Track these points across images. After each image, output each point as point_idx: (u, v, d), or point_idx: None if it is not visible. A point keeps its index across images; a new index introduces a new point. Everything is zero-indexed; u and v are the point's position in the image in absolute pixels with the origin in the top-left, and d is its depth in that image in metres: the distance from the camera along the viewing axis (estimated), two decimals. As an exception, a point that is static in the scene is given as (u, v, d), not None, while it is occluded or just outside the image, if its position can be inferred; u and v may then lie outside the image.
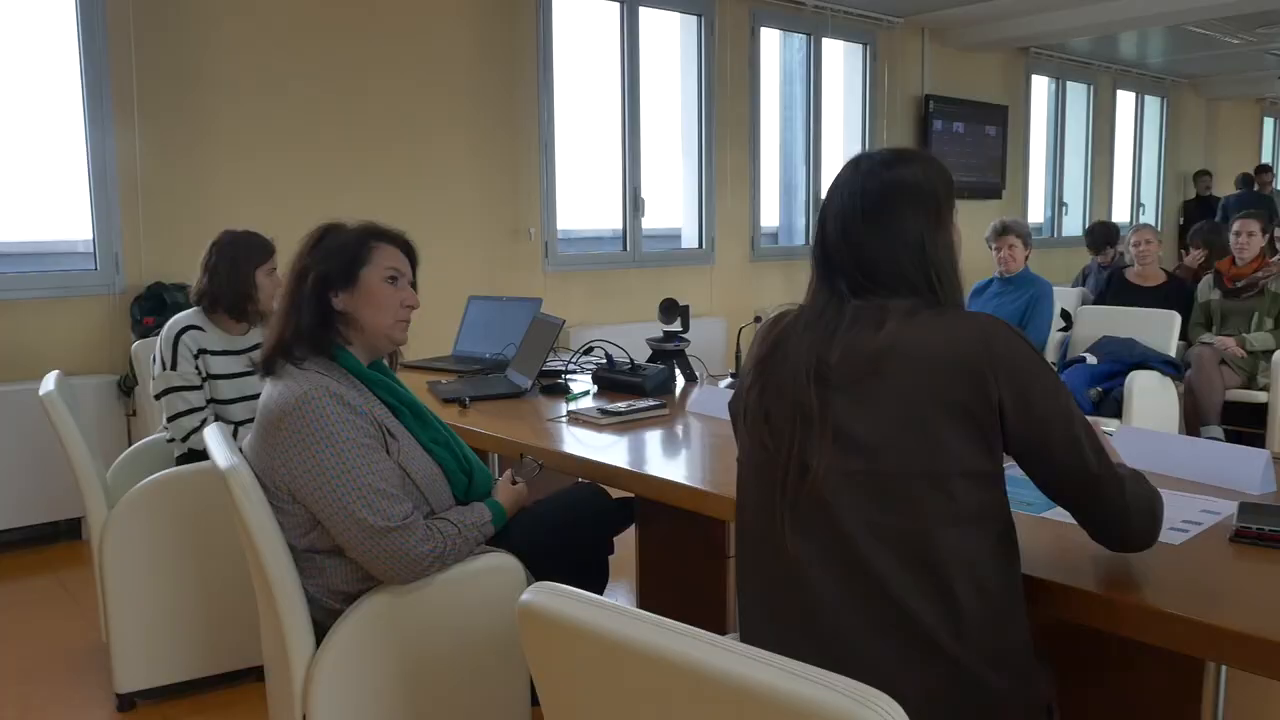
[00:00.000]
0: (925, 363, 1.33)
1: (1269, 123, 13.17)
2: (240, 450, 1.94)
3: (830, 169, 7.37)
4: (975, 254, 5.47)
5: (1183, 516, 1.72)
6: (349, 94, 4.93)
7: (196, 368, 2.96)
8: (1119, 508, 1.41)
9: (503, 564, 2.00)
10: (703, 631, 1.02)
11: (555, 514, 2.26)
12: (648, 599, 2.76)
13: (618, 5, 6.00)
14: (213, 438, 2.04)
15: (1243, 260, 5.16)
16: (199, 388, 2.96)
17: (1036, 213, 9.53)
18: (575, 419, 2.67)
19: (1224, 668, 1.66)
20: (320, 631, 1.89)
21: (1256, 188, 10.08)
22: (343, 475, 1.81)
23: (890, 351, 1.34)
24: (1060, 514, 1.69)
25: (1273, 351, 4.96)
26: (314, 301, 1.96)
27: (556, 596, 1.13)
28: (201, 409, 2.95)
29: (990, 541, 1.35)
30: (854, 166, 1.49)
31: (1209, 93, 11.48)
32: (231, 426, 2.93)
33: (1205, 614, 1.35)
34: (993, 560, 1.35)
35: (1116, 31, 8.36)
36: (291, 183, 4.74)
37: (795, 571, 1.37)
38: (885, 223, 1.42)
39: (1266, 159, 12.56)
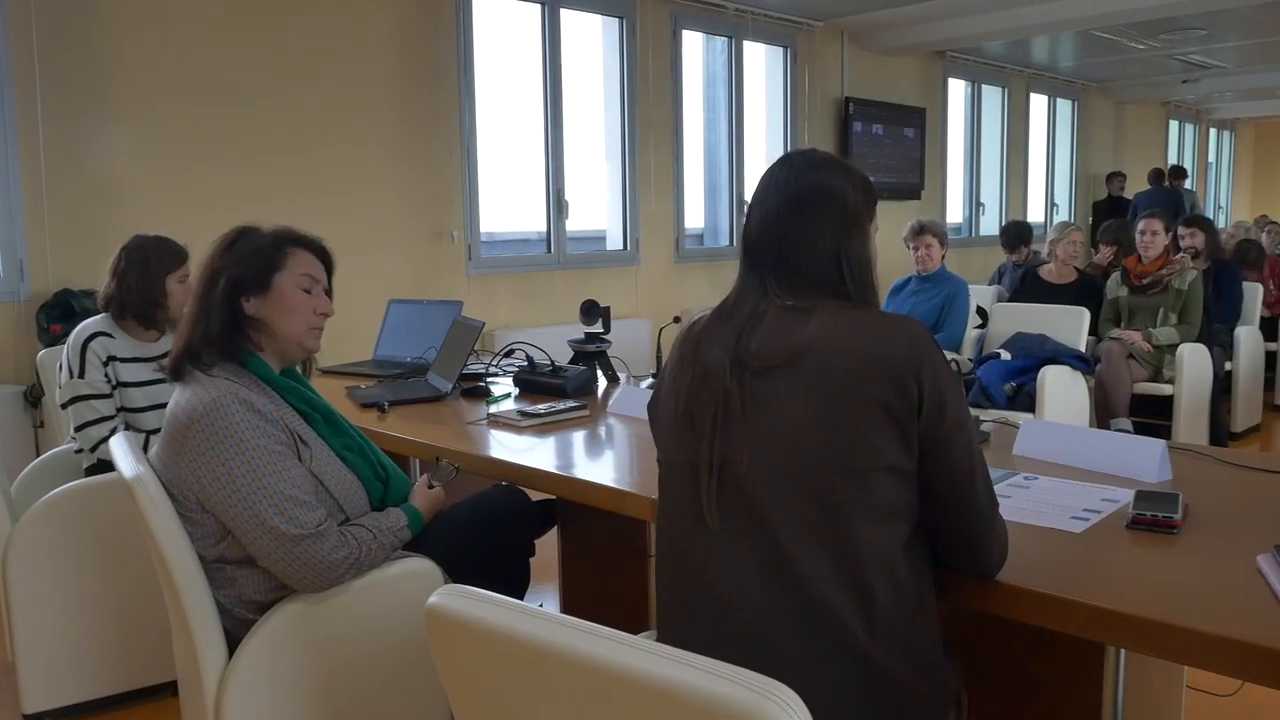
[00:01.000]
0: (849, 359, 1.35)
1: (1174, 125, 13.66)
2: (148, 459, 1.90)
3: (753, 170, 7.45)
4: (894, 253, 5.58)
5: (1084, 505, 1.78)
6: (265, 99, 4.84)
7: (106, 375, 2.88)
8: (988, 535, 1.44)
9: (419, 568, 1.98)
10: (607, 629, 1.02)
11: (473, 517, 2.24)
12: (571, 600, 2.76)
13: (539, 7, 5.99)
14: (118, 447, 1.99)
15: (1147, 258, 5.34)
16: (108, 396, 2.88)
17: (955, 212, 9.75)
18: (495, 421, 2.66)
19: (1122, 650, 1.71)
20: (233, 643, 1.85)
21: (1168, 187, 10.43)
22: (253, 483, 1.78)
23: (814, 346, 1.36)
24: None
25: (1177, 345, 5.14)
26: (225, 306, 1.92)
27: (463, 599, 1.13)
28: (111, 418, 2.87)
29: (906, 538, 1.37)
30: (782, 164, 1.52)
31: (1117, 96, 11.86)
32: (143, 435, 2.86)
33: (1102, 599, 1.40)
34: (907, 557, 1.37)
35: (1028, 36, 8.59)
36: (207, 190, 4.63)
37: (715, 568, 1.37)
38: (805, 224, 1.45)
39: (1172, 160, 13.01)
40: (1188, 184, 11.38)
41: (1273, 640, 1.25)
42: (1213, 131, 15.04)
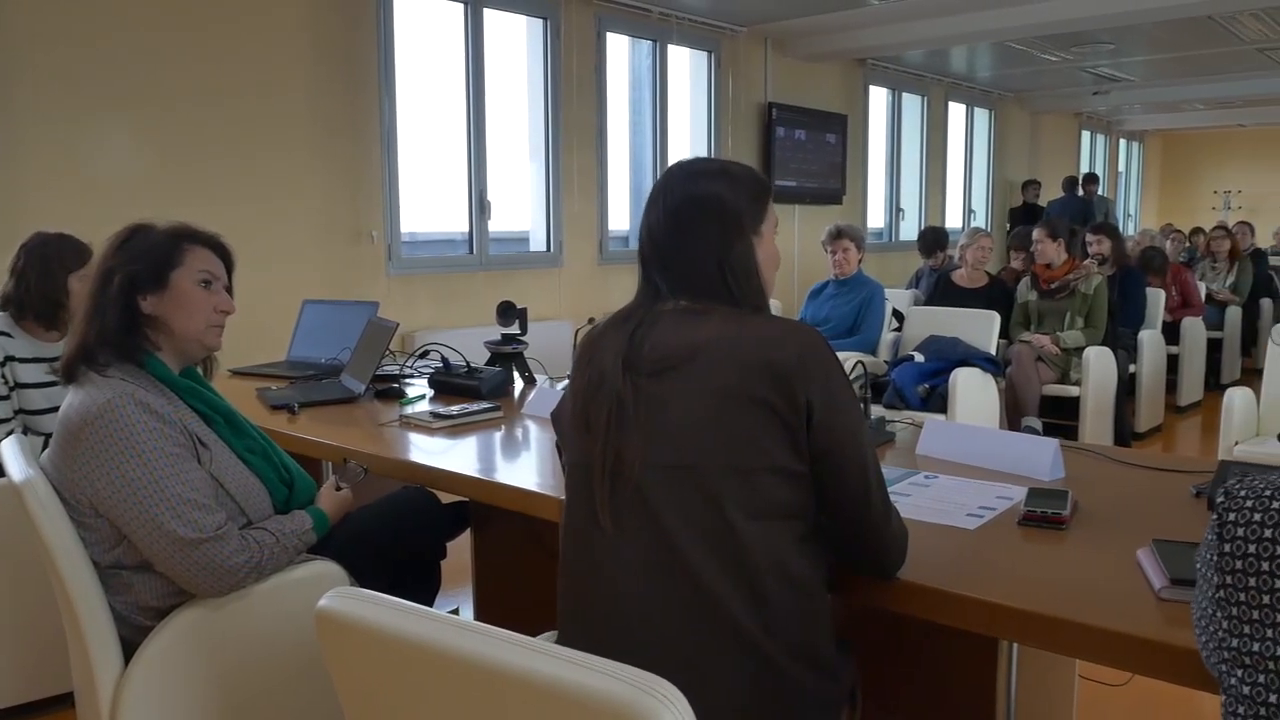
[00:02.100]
0: (739, 363, 1.37)
1: (1086, 135, 14.08)
2: (40, 463, 1.84)
3: (677, 174, 7.48)
4: (818, 256, 5.67)
5: (979, 503, 1.83)
6: (177, 97, 4.71)
7: (3, 376, 2.78)
8: (884, 537, 1.47)
9: (325, 571, 1.95)
10: (496, 629, 1.02)
11: (381, 519, 2.22)
12: (485, 602, 2.75)
13: (461, 6, 5.95)
14: (9, 450, 1.93)
15: (1042, 263, 5.52)
16: (4, 398, 2.79)
17: (876, 218, 9.92)
18: (407, 423, 2.63)
19: (1015, 643, 1.77)
20: (130, 650, 1.81)
21: (1081, 194, 10.75)
22: (150, 486, 1.74)
23: (706, 348, 1.38)
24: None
25: (1084, 348, 5.31)
26: (120, 304, 1.87)
27: (353, 601, 1.12)
28: (7, 420, 2.78)
29: (798, 537, 1.39)
30: (665, 175, 1.54)
31: (1032, 106, 12.18)
32: (41, 439, 2.77)
33: (993, 595, 1.44)
34: (801, 557, 1.39)
35: (946, 46, 8.79)
36: (117, 190, 4.50)
37: (609, 568, 1.38)
38: (684, 236, 1.48)
39: (1085, 168, 13.41)
40: (1101, 191, 11.74)
41: (1146, 632, 1.30)
42: (1122, 142, 15.54)
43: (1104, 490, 1.95)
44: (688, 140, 7.70)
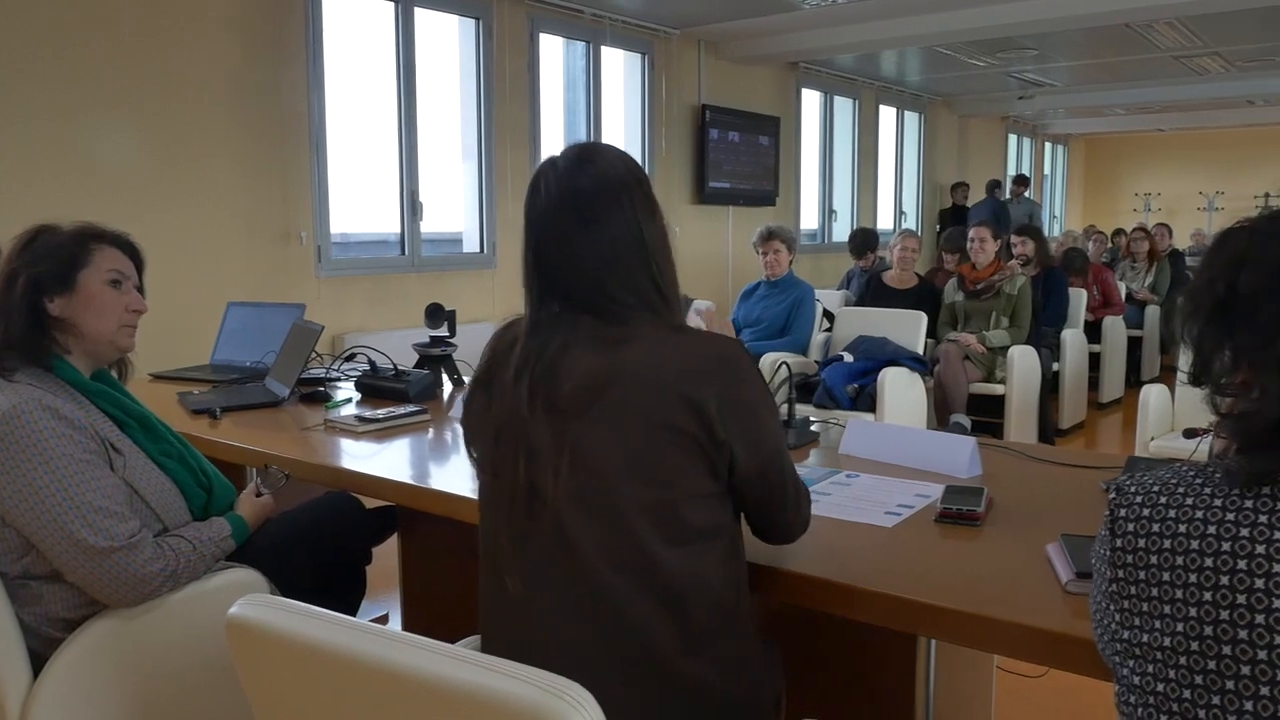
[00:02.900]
0: (653, 387, 1.31)
1: (1013, 139, 14.40)
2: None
3: (611, 175, 7.48)
4: (749, 258, 5.72)
5: (898, 501, 1.86)
6: (95, 95, 4.59)
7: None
8: (795, 522, 1.50)
9: (244, 579, 1.92)
10: (407, 635, 1.02)
11: (303, 525, 2.19)
12: (412, 607, 2.73)
13: (391, 5, 5.89)
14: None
15: (979, 264, 5.62)
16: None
17: (810, 219, 10.03)
18: (331, 427, 2.60)
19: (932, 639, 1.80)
20: (40, 663, 1.75)
21: (1009, 196, 10.97)
22: (59, 494, 1.69)
23: (619, 374, 1.32)
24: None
25: (1008, 347, 5.43)
26: (25, 307, 1.82)
27: (263, 608, 1.10)
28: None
29: (719, 555, 1.37)
30: (550, 168, 1.42)
31: (961, 110, 12.42)
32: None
33: (909, 591, 1.46)
34: (720, 571, 1.37)
35: (876, 51, 8.92)
36: (28, 194, 4.37)
37: (527, 596, 1.35)
38: (598, 226, 1.38)
39: (1012, 171, 13.72)
40: (1028, 193, 11.99)
41: (1052, 624, 1.34)
42: (1048, 145, 15.92)
43: (1019, 487, 1.99)
44: (622, 142, 7.71)
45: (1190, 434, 2.63)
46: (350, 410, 2.78)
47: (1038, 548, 1.60)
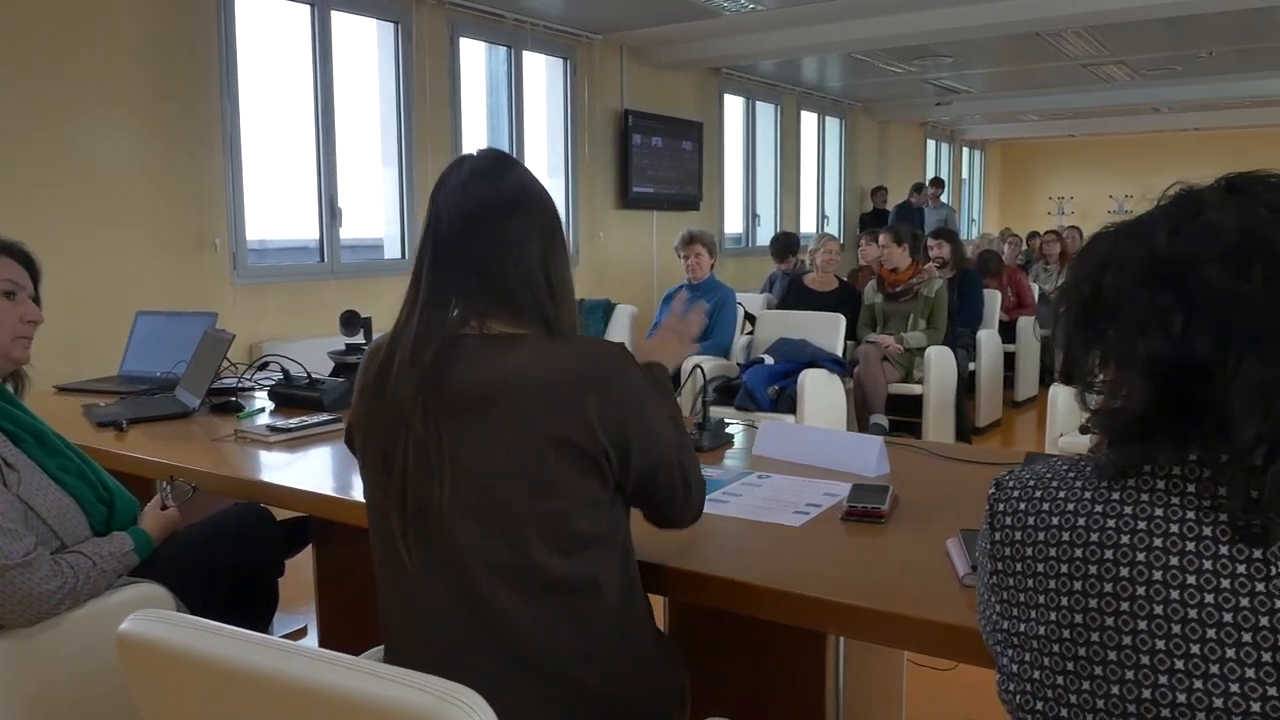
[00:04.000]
0: (538, 397, 1.30)
1: (931, 144, 14.71)
2: None
3: (534, 180, 7.47)
4: (673, 261, 5.75)
5: (806, 500, 1.89)
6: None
7: None
8: (689, 509, 1.51)
9: (148, 594, 1.87)
10: (298, 645, 1.01)
11: (211, 538, 2.14)
12: (329, 619, 2.69)
13: (307, 8, 5.80)
14: None
15: (889, 267, 5.75)
16: None
17: (734, 223, 10.13)
18: (242, 438, 2.55)
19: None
20: (-70, 687, 1.69)
21: (916, 200, 11.20)
22: (-52, 512, 1.64)
23: (508, 384, 1.30)
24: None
25: (925, 348, 5.55)
26: (-87, 320, 1.76)
27: (154, 622, 1.08)
28: None
29: (610, 560, 1.37)
30: (453, 174, 1.42)
31: (880, 116, 12.66)
32: None
33: (817, 589, 1.49)
34: (614, 577, 1.37)
35: (796, 57, 9.05)
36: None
37: (418, 607, 1.34)
38: (506, 233, 1.37)
39: (930, 175, 14.01)
40: (944, 196, 12.26)
41: (949, 618, 1.37)
42: (965, 150, 16.30)
43: (925, 484, 2.04)
44: (544, 147, 7.71)
45: (1085, 430, 2.71)
46: (263, 420, 2.73)
47: (940, 543, 1.63)
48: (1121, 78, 10.54)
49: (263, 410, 2.91)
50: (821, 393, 4.58)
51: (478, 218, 1.37)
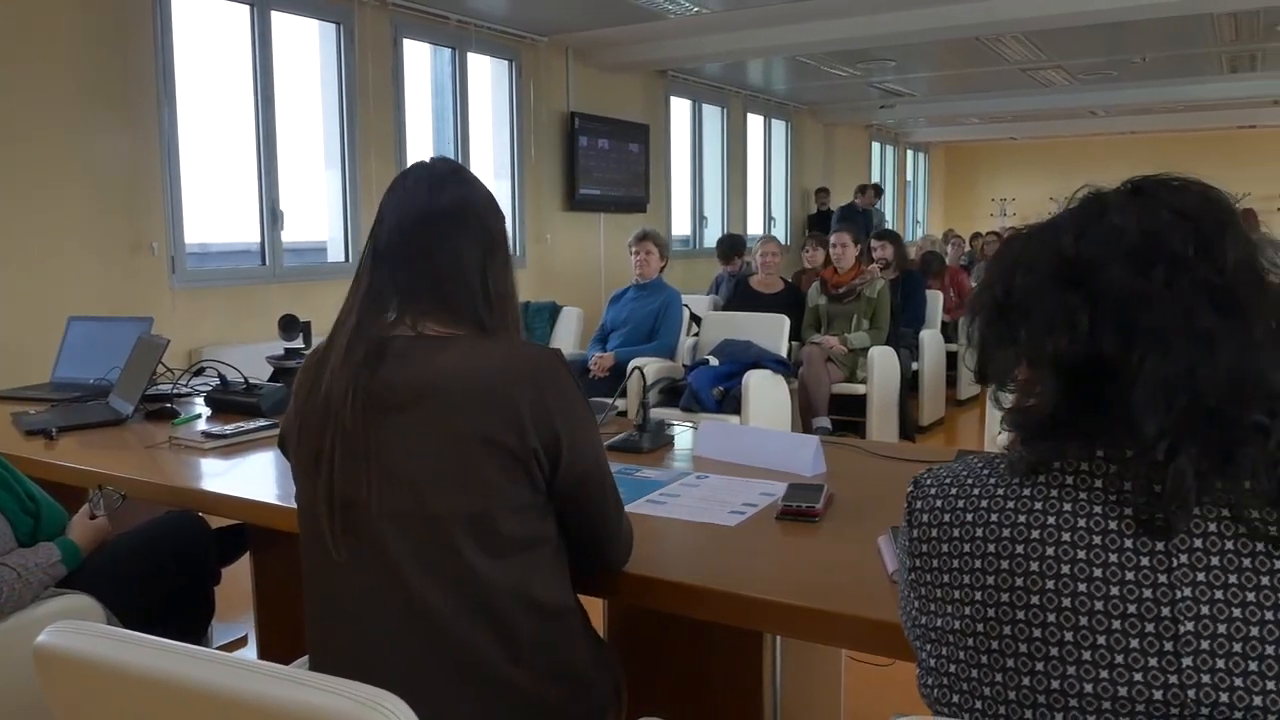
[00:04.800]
0: (468, 397, 1.30)
1: (876, 146, 14.89)
2: None
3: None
4: (620, 263, 5.76)
5: (743, 500, 1.91)
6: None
7: None
8: (614, 541, 1.50)
9: (76, 606, 1.84)
10: (219, 653, 1.00)
11: (142, 547, 2.11)
12: (267, 628, 2.66)
13: (247, 8, 5.72)
14: None
15: (840, 267, 5.80)
16: None
17: (682, 225, 10.16)
18: (177, 445, 2.51)
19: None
20: None
21: (861, 203, 11.33)
22: None
23: (438, 384, 1.31)
24: (635, 507, 1.81)
25: (869, 348, 5.61)
26: None
27: (72, 635, 1.06)
28: None
29: (543, 564, 1.37)
30: (404, 179, 1.45)
31: (826, 118, 12.78)
32: None
33: (752, 589, 1.50)
34: (546, 578, 1.37)
35: (742, 60, 9.11)
36: None
37: (349, 611, 1.34)
38: (447, 240, 1.39)
39: (875, 178, 14.18)
40: (890, 198, 12.39)
41: (879, 614, 1.39)
42: (909, 152, 16.51)
43: (860, 483, 2.07)
44: (490, 149, 7.67)
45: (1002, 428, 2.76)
46: (199, 427, 2.69)
47: (873, 541, 1.66)
48: (1059, 82, 10.75)
49: (199, 417, 2.86)
50: (766, 393, 4.62)
51: (419, 221, 1.40)
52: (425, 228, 1.39)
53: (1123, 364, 0.88)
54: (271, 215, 5.89)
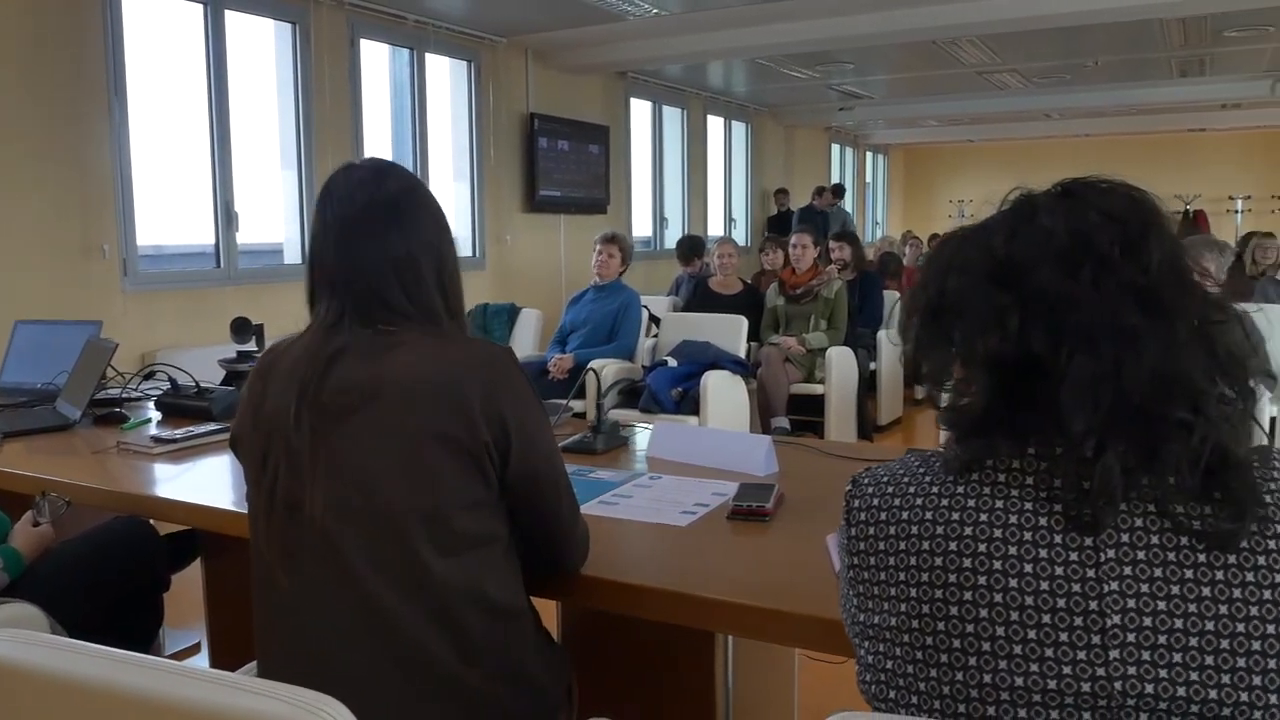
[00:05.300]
0: (419, 394, 1.31)
1: (836, 148, 15.00)
2: None
3: (438, 184, 7.42)
4: (581, 265, 5.76)
5: (695, 500, 1.92)
6: None
7: None
8: (569, 541, 1.50)
9: (18, 614, 1.81)
10: (158, 659, 0.99)
11: (88, 554, 2.08)
12: (219, 635, 2.63)
13: (200, 7, 5.65)
14: None
15: (799, 268, 5.84)
16: None
17: (643, 227, 10.18)
18: (126, 449, 2.48)
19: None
20: None
21: (819, 204, 11.41)
22: None
23: (386, 381, 1.31)
24: (588, 508, 1.82)
25: (827, 349, 5.66)
26: None
27: (16, 644, 1.05)
28: None
29: (494, 562, 1.37)
30: (344, 173, 1.44)
31: (786, 120, 12.86)
32: None
33: (703, 589, 1.51)
34: (497, 578, 1.37)
35: (701, 62, 9.14)
36: None
37: (301, 612, 1.33)
38: (383, 239, 1.39)
39: (835, 179, 14.27)
40: (850, 199, 12.49)
41: (827, 613, 1.40)
42: (869, 154, 16.66)
43: (811, 482, 2.08)
44: (449, 150, 7.64)
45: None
46: (149, 431, 2.65)
47: (823, 540, 1.67)
48: (1015, 85, 10.89)
49: (149, 421, 2.83)
50: (724, 394, 4.64)
51: (362, 223, 1.39)
52: (368, 229, 1.39)
53: (1052, 363, 0.90)
54: (226, 216, 5.82)
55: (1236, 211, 14.67)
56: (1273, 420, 3.84)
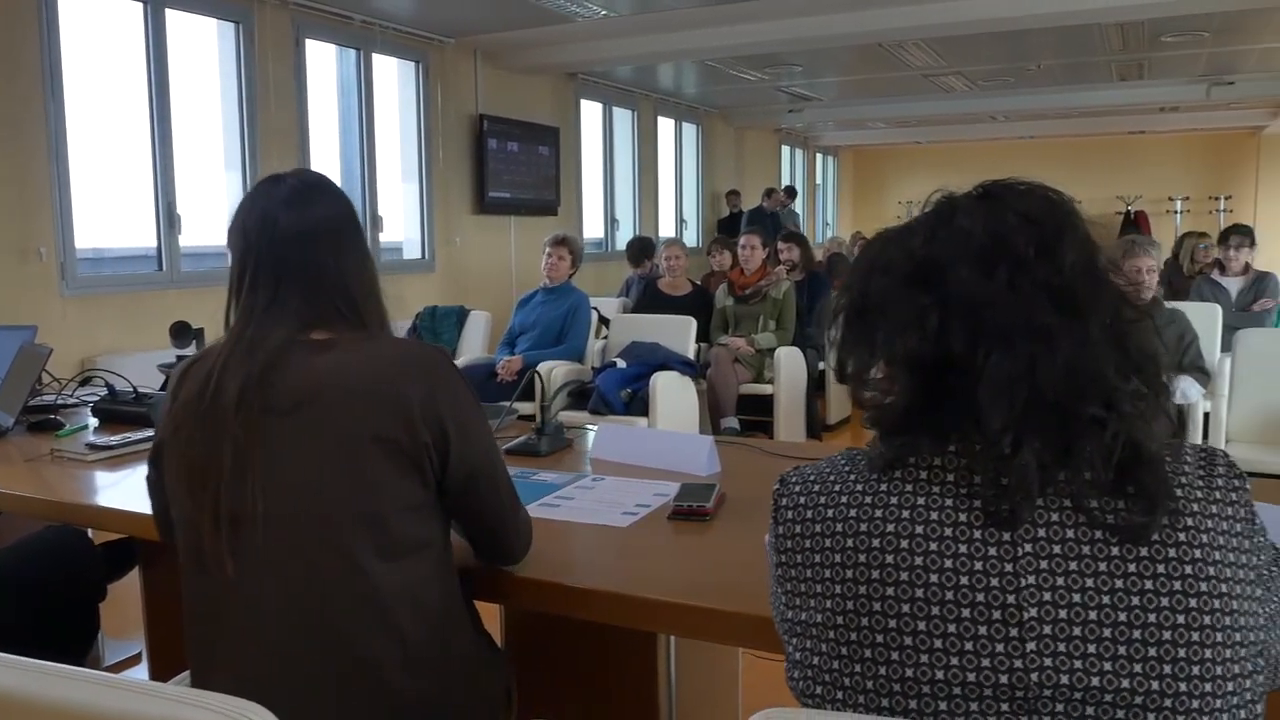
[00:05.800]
0: (355, 396, 1.31)
1: (786, 149, 15.11)
2: None
3: (386, 184, 7.36)
4: (532, 266, 5.75)
5: (636, 501, 1.92)
6: None
7: None
8: (511, 533, 1.51)
9: (-55, 627, 1.77)
10: (83, 670, 0.98)
11: (18, 563, 2.04)
12: (159, 644, 2.58)
13: (140, 6, 5.55)
14: None
15: (748, 269, 5.88)
16: None
17: (594, 228, 10.17)
18: (59, 457, 2.42)
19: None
20: None
21: (768, 205, 11.49)
22: None
23: (325, 386, 1.32)
24: (530, 510, 1.81)
25: (775, 349, 5.70)
26: None
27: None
28: None
29: (430, 566, 1.37)
30: (271, 186, 1.45)
31: (736, 122, 12.92)
32: None
33: (644, 589, 1.51)
34: (434, 584, 1.37)
35: (651, 63, 9.17)
36: None
37: (239, 622, 1.32)
38: (314, 248, 1.40)
39: (785, 181, 14.38)
40: (800, 200, 12.58)
41: (767, 611, 1.41)
42: (819, 156, 16.80)
43: (753, 481, 2.09)
44: (398, 150, 7.59)
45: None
46: (84, 438, 2.60)
47: (762, 539, 1.69)
48: (960, 88, 11.05)
49: (86, 428, 2.77)
50: (674, 395, 4.65)
51: (286, 230, 1.40)
52: (292, 236, 1.40)
53: (970, 362, 0.92)
54: (168, 219, 5.73)
55: (1176, 212, 15.00)
56: (1205, 415, 3.93)
